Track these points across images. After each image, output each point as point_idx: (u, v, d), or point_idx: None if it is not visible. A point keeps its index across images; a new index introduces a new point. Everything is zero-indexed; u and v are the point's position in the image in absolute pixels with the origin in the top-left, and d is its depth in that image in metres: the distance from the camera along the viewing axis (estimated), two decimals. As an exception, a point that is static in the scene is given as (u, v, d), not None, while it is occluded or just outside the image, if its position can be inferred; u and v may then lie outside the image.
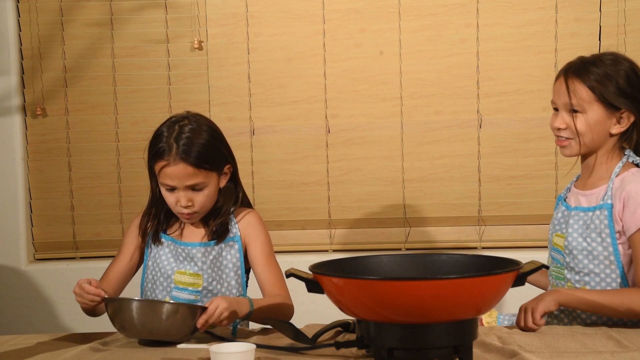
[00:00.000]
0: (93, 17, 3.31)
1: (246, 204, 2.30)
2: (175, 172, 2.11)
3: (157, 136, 2.16)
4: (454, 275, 1.56)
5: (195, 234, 2.21)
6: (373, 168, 3.29)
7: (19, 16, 3.34)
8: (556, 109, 2.14)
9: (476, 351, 1.69)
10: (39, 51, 3.33)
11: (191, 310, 1.89)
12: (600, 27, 3.19)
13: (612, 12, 3.17)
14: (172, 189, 2.13)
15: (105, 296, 1.96)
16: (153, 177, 2.19)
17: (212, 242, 2.18)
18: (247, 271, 2.25)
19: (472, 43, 3.23)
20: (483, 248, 3.27)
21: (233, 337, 1.99)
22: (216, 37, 3.31)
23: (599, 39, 3.19)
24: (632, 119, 2.08)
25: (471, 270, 1.67)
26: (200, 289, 2.16)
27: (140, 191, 3.32)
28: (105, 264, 2.31)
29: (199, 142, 2.13)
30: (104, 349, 1.87)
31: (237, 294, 2.18)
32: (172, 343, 1.87)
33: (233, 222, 2.21)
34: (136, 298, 1.90)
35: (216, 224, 2.19)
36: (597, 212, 2.07)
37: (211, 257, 2.17)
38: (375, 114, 3.28)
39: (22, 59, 3.34)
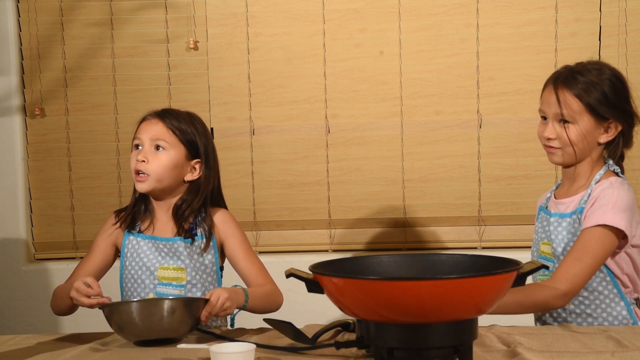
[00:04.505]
0: (93, 17, 3.31)
1: (222, 205, 2.30)
2: (147, 125, 2.19)
3: None
4: (454, 275, 1.56)
5: (167, 230, 2.20)
6: (373, 168, 3.29)
7: (19, 16, 3.34)
8: (544, 117, 2.15)
9: (476, 351, 1.69)
10: (38, 51, 3.33)
11: (193, 303, 1.89)
12: (600, 27, 3.19)
13: (612, 12, 3.18)
14: (137, 147, 2.18)
15: (107, 300, 1.94)
16: None
17: (189, 240, 2.18)
18: (221, 269, 2.26)
19: (472, 43, 3.23)
20: (483, 248, 3.27)
21: (231, 328, 2.00)
22: (216, 37, 3.31)
23: (599, 39, 3.19)
24: (619, 128, 2.11)
25: (471, 270, 1.67)
26: (184, 283, 2.16)
27: (140, 191, 3.32)
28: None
29: (180, 114, 2.21)
30: (104, 349, 1.87)
31: None
32: (171, 342, 1.87)
33: (207, 221, 2.20)
34: (134, 300, 1.89)
35: (185, 220, 2.18)
36: (574, 217, 2.10)
37: (192, 252, 2.18)
38: (375, 114, 3.28)
39: (22, 59, 3.34)
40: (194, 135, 2.20)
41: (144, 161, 2.15)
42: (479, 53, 3.24)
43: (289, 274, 1.67)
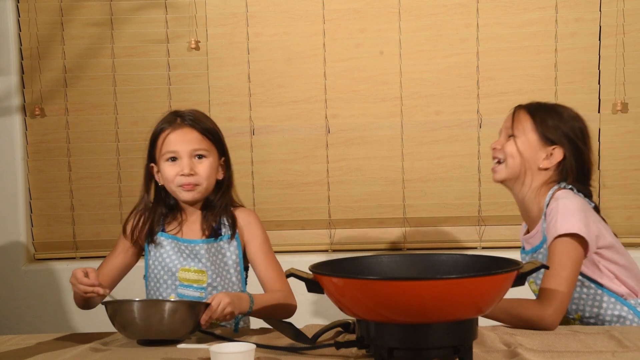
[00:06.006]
0: (93, 17, 3.31)
1: (239, 204, 2.30)
2: (180, 135, 2.14)
3: (157, 125, 2.20)
4: (454, 275, 1.56)
5: (195, 231, 2.21)
6: (373, 168, 3.29)
7: (19, 16, 3.34)
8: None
9: (476, 351, 1.69)
10: (38, 51, 3.33)
11: (194, 307, 1.89)
12: (600, 27, 3.19)
13: (612, 12, 3.17)
14: (174, 159, 2.14)
15: (102, 291, 1.96)
16: (148, 175, 2.22)
17: (212, 239, 2.18)
18: (246, 269, 2.25)
19: (472, 43, 3.23)
20: (483, 248, 3.27)
21: (235, 333, 2.00)
22: (216, 37, 3.31)
23: (599, 39, 3.19)
24: (561, 156, 2.13)
25: (471, 270, 1.67)
26: (205, 285, 2.16)
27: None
28: (105, 263, 2.31)
29: (202, 117, 2.20)
30: (104, 349, 1.87)
31: (238, 291, 2.19)
32: (173, 342, 1.87)
33: (232, 221, 2.21)
34: (137, 299, 1.90)
35: (214, 220, 2.19)
36: (542, 249, 2.12)
37: (214, 254, 2.17)
38: (375, 114, 3.28)
39: (22, 59, 3.34)
40: (219, 134, 2.21)
41: (191, 174, 2.14)
42: (479, 53, 3.23)
43: (289, 274, 1.67)
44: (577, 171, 2.14)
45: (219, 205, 2.21)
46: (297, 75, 3.29)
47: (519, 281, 1.58)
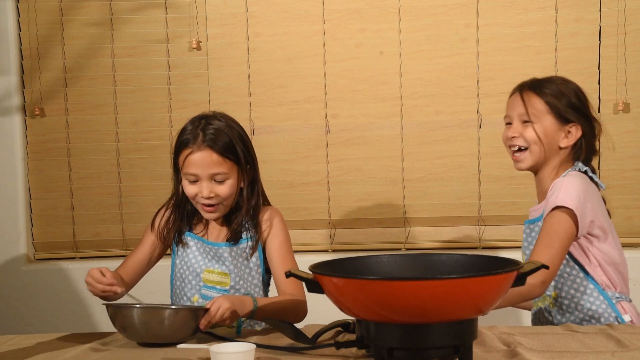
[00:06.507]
0: (93, 17, 3.31)
1: (267, 203, 2.29)
2: (200, 158, 2.11)
3: (182, 130, 2.17)
4: (454, 275, 1.56)
5: (220, 233, 2.21)
6: (373, 168, 3.29)
7: (19, 16, 3.34)
8: (509, 124, 2.23)
9: (476, 351, 1.69)
10: (38, 51, 3.33)
11: (193, 312, 1.89)
12: (600, 27, 3.19)
13: (612, 12, 3.18)
14: (194, 180, 2.13)
15: (120, 290, 1.96)
16: (177, 175, 2.19)
17: (235, 242, 2.18)
18: (267, 270, 2.25)
19: (472, 43, 3.23)
20: (483, 248, 3.27)
21: (237, 335, 1.99)
22: (216, 37, 3.31)
23: (599, 39, 3.19)
24: (579, 133, 2.16)
25: (471, 270, 1.67)
26: (228, 287, 2.16)
27: (140, 191, 3.32)
28: (105, 263, 2.31)
29: (225, 133, 2.14)
30: (104, 349, 1.87)
31: (261, 293, 2.19)
32: (173, 342, 1.87)
33: (255, 223, 2.20)
34: (137, 304, 1.90)
35: (238, 225, 2.18)
36: (539, 222, 2.16)
37: (235, 257, 2.17)
38: (375, 114, 3.28)
39: (22, 59, 3.34)
40: (242, 146, 2.17)
41: (211, 197, 2.13)
42: (479, 53, 3.24)
43: (289, 274, 1.67)
44: (590, 136, 2.18)
45: (242, 210, 2.20)
46: (297, 75, 3.29)
47: (519, 281, 1.58)
